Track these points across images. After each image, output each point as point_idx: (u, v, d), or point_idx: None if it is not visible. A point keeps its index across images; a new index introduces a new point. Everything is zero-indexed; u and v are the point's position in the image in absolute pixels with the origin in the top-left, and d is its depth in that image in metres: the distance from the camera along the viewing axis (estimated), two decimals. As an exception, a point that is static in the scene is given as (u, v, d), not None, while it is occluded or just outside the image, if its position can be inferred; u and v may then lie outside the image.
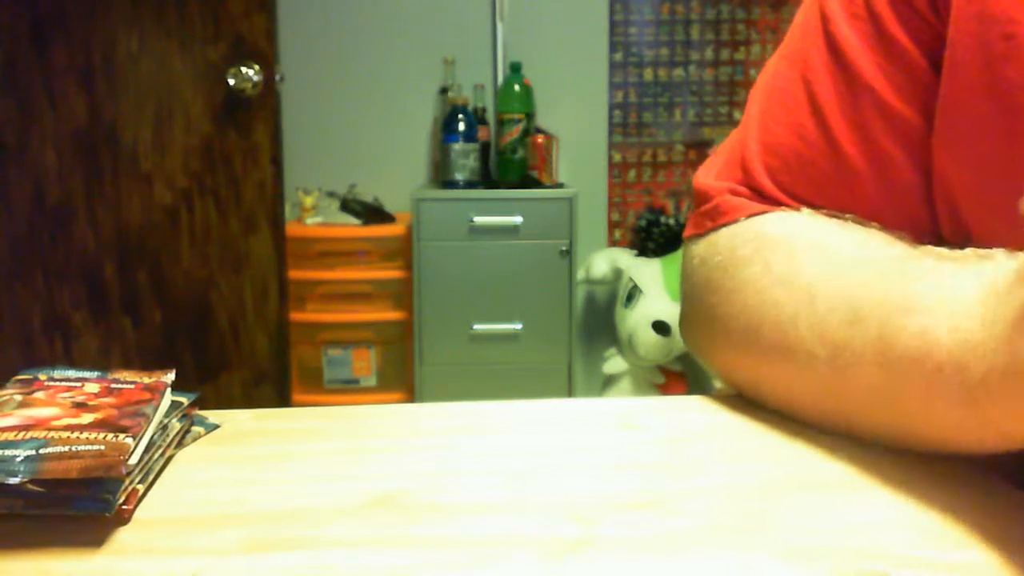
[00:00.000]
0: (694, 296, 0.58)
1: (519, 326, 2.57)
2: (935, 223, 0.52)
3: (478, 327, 2.56)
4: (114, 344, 2.05)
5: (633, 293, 2.66)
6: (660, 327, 2.55)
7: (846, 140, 0.53)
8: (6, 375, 0.47)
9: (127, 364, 1.93)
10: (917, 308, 0.42)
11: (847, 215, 0.53)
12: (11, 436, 0.38)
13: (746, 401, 0.54)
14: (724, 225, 0.56)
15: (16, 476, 0.36)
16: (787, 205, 0.55)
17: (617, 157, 2.99)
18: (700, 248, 0.58)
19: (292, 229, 2.39)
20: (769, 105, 0.57)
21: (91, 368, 0.48)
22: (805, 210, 0.54)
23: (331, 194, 2.77)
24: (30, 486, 0.36)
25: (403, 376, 2.65)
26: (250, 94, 1.97)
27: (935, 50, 0.50)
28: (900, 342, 0.42)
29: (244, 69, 1.95)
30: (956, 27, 0.48)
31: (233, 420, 0.51)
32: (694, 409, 0.53)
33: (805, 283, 0.49)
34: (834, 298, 0.47)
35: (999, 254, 0.40)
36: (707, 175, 0.60)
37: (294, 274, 2.28)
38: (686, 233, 0.60)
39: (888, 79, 0.51)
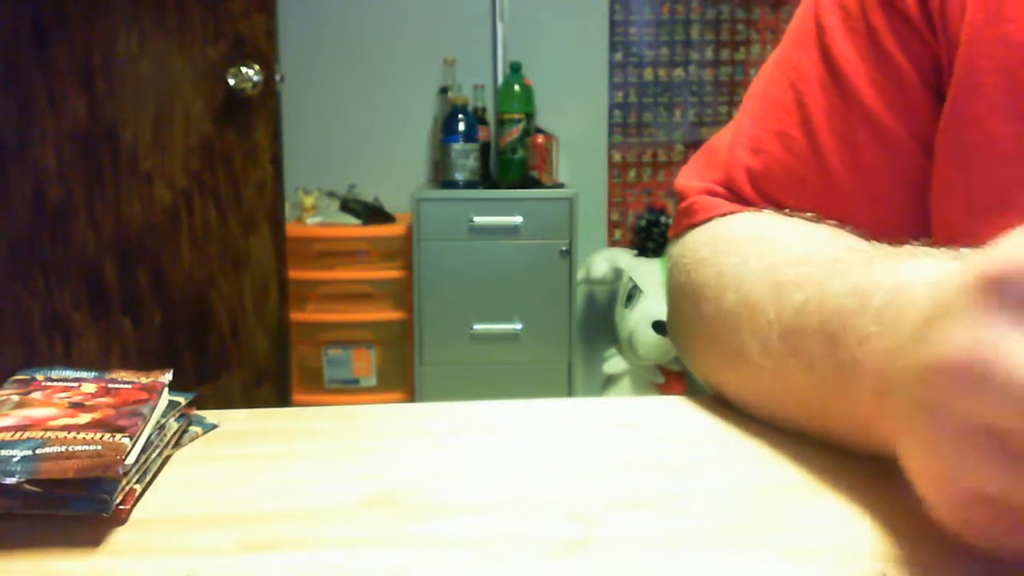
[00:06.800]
0: (671, 298, 0.59)
1: (519, 326, 2.57)
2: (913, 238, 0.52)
3: (478, 327, 2.56)
4: (114, 344, 2.05)
5: (633, 293, 2.66)
6: (660, 327, 2.55)
7: (832, 152, 0.53)
8: (6, 375, 0.46)
9: (127, 364, 1.93)
10: (831, 310, 0.41)
11: (808, 213, 0.53)
12: (8, 436, 0.38)
13: (746, 401, 0.53)
14: (695, 225, 0.57)
15: (13, 476, 0.36)
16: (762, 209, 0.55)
17: (617, 157, 2.99)
18: (676, 249, 0.58)
19: (292, 229, 2.38)
20: (759, 110, 0.58)
21: (91, 368, 0.47)
22: (766, 210, 0.54)
23: (331, 194, 2.77)
24: (27, 486, 0.36)
25: (403, 376, 2.65)
26: (250, 94, 1.97)
27: (927, 68, 0.51)
28: (813, 346, 0.42)
29: (244, 69, 1.95)
30: (973, 50, 0.48)
31: (231, 420, 0.51)
32: (694, 409, 0.53)
33: (748, 291, 0.48)
34: (774, 308, 0.46)
35: (941, 253, 0.38)
36: (688, 175, 0.60)
37: (294, 274, 2.28)
38: (669, 234, 0.61)
39: (881, 94, 0.52)
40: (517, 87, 2.76)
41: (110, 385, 0.45)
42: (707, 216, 0.56)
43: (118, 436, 0.38)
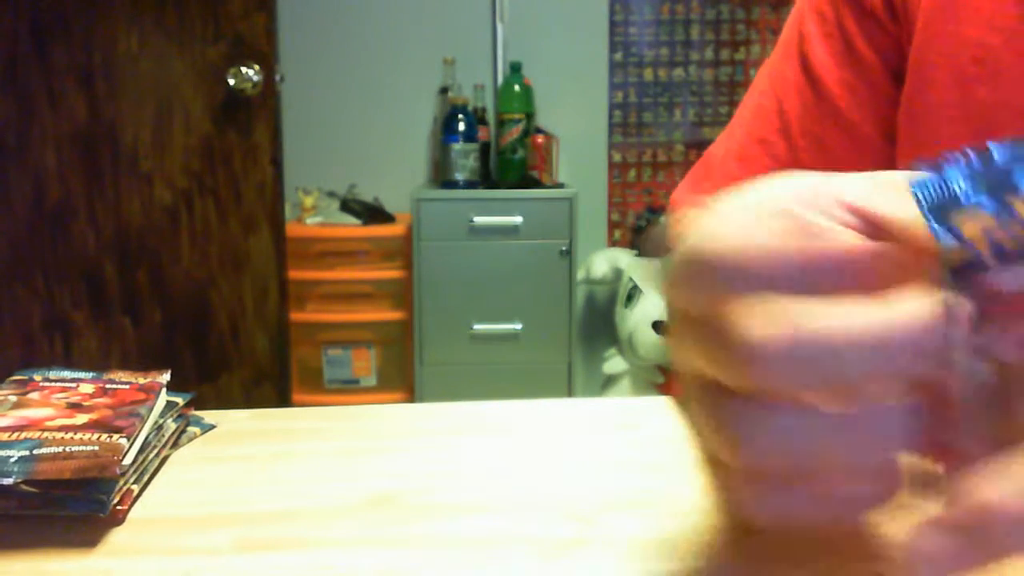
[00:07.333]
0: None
1: (519, 326, 2.57)
2: None
3: (478, 327, 2.56)
4: (114, 344, 2.05)
5: (633, 293, 2.65)
6: (660, 327, 2.55)
7: (806, 155, 0.55)
8: (7, 375, 0.46)
9: (127, 364, 1.93)
10: None
11: None
12: (5, 437, 0.38)
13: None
14: None
15: (10, 477, 0.35)
16: None
17: (617, 157, 2.99)
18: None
19: (292, 229, 2.38)
20: (747, 120, 0.60)
21: (90, 368, 0.47)
22: None
23: (331, 194, 2.77)
24: (24, 487, 0.36)
25: (403, 376, 2.65)
26: (250, 94, 1.97)
27: (893, 60, 0.52)
28: None
29: (244, 69, 1.95)
30: (926, 44, 0.49)
31: (231, 420, 0.51)
32: (694, 409, 0.53)
33: None
34: None
35: None
36: (683, 187, 0.63)
37: (294, 274, 2.28)
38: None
39: (853, 95, 0.54)
40: (517, 87, 2.76)
41: (108, 385, 0.45)
42: None
43: (115, 436, 0.38)
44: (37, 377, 0.46)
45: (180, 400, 0.47)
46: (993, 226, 0.21)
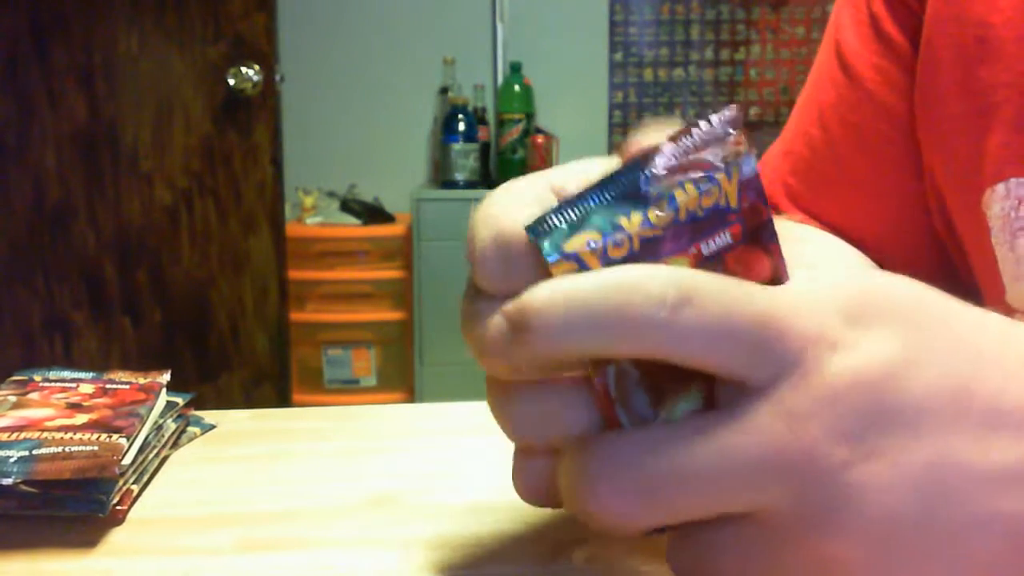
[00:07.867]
0: None
1: (519, 326, 2.57)
2: (929, 223, 0.53)
3: (478, 327, 2.56)
4: (114, 344, 2.05)
5: (634, 293, 2.65)
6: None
7: (842, 140, 0.55)
8: (6, 375, 0.46)
9: (127, 364, 1.93)
10: None
11: (811, 223, 0.55)
12: (5, 437, 0.38)
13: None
14: None
15: (9, 477, 0.35)
16: (786, 213, 0.57)
17: (617, 157, 2.99)
18: None
19: (292, 229, 2.38)
20: (795, 115, 0.61)
21: (90, 368, 0.47)
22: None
23: (331, 194, 2.77)
24: (23, 487, 0.36)
25: (403, 376, 2.65)
26: (250, 94, 1.97)
27: (918, 40, 0.52)
28: None
29: (244, 69, 1.95)
30: (933, 28, 0.50)
31: (231, 420, 0.51)
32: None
33: None
34: None
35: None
36: None
37: (294, 274, 2.28)
38: None
39: (885, 78, 0.54)
40: (517, 87, 2.76)
41: (108, 386, 0.45)
42: None
43: (115, 436, 0.38)
44: (37, 377, 0.46)
45: (180, 400, 0.47)
46: (599, 240, 0.25)
